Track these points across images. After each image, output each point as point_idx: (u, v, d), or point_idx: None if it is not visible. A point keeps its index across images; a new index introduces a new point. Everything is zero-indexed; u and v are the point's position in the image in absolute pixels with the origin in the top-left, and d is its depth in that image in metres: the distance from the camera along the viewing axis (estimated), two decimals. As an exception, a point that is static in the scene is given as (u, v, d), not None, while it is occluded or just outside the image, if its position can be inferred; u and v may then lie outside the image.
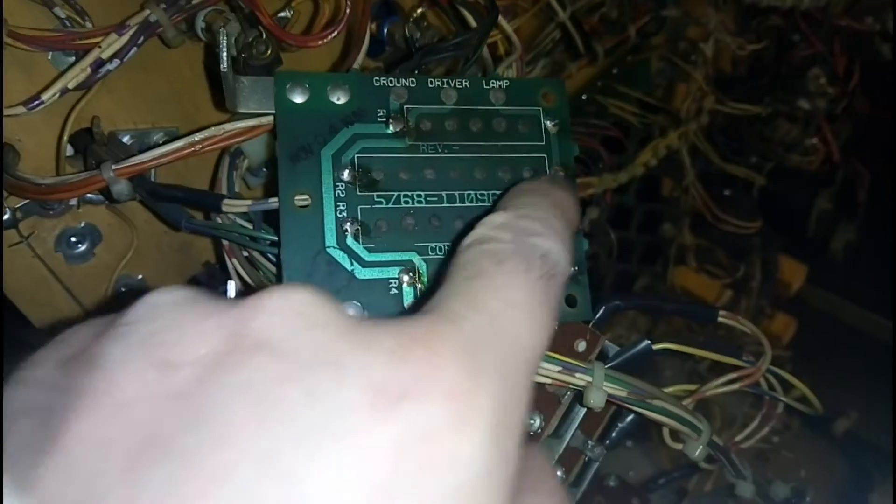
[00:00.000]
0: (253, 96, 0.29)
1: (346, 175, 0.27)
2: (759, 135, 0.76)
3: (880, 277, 0.74)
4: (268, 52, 0.30)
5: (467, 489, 0.13)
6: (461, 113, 0.29)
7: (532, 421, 0.29)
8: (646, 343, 0.30)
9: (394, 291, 0.27)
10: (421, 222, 0.28)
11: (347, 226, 0.27)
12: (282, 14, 0.33)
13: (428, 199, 0.28)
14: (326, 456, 0.13)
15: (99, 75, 0.30)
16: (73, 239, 0.35)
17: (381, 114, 0.28)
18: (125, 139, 0.34)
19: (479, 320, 0.16)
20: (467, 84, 0.30)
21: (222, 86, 0.28)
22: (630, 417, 0.32)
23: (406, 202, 0.28)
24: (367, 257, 0.27)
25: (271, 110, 0.28)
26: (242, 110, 0.29)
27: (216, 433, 0.13)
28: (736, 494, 0.38)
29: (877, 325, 0.78)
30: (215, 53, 0.27)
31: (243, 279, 0.30)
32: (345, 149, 0.28)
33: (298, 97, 0.28)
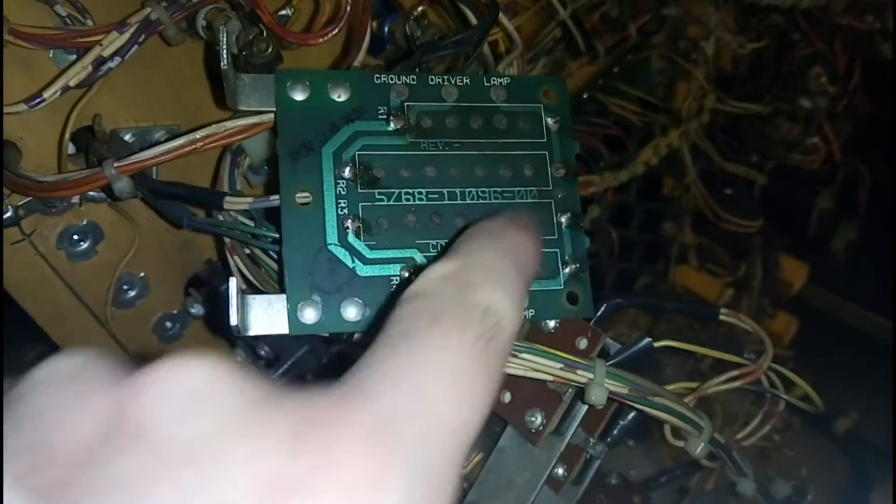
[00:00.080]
0: (254, 94, 0.29)
1: (347, 172, 0.27)
2: (760, 134, 0.76)
3: (881, 277, 0.74)
4: (268, 50, 0.30)
5: None
6: (462, 110, 0.29)
7: (533, 418, 0.29)
8: (647, 340, 0.30)
9: (395, 288, 0.27)
10: (422, 219, 0.28)
11: (349, 223, 0.27)
12: (282, 12, 0.33)
13: (429, 197, 0.28)
14: None
15: (100, 73, 0.30)
16: (75, 237, 0.35)
17: (382, 111, 0.28)
18: (127, 137, 0.34)
19: (397, 395, 0.14)
20: (468, 81, 0.30)
21: (223, 84, 0.28)
22: (631, 415, 0.32)
23: (407, 199, 0.28)
24: (369, 254, 0.27)
25: (272, 108, 0.28)
26: (243, 108, 0.29)
27: None
28: (737, 492, 0.38)
29: (877, 325, 0.78)
30: (216, 51, 0.27)
31: (245, 276, 0.30)
32: (346, 146, 0.28)
33: (299, 95, 0.28)
